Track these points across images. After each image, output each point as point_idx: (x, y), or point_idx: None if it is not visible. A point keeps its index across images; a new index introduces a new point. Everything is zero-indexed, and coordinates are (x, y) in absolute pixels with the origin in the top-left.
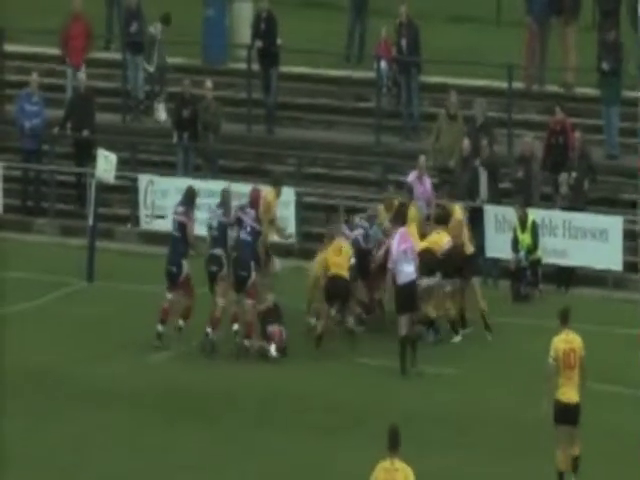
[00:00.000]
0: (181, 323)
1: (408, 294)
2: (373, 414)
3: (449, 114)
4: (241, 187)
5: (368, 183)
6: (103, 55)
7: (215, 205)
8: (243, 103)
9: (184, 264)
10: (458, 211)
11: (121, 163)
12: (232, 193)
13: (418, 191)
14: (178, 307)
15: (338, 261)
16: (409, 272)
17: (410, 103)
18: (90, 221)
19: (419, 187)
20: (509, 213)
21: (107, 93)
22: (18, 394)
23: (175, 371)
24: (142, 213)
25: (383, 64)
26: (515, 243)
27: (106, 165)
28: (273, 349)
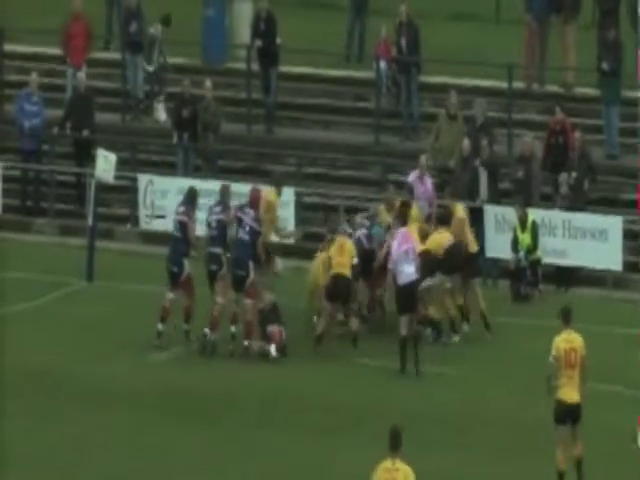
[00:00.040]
0: (186, 327)
1: (408, 295)
2: (373, 414)
3: (449, 114)
4: (241, 187)
5: (368, 183)
6: (103, 55)
7: (213, 203)
8: (243, 103)
9: (185, 264)
10: (460, 210)
11: (121, 163)
12: (231, 190)
13: (419, 190)
14: (179, 306)
15: (340, 260)
16: (410, 273)
17: (410, 103)
18: (90, 221)
19: (420, 186)
20: (509, 213)
21: (107, 93)
22: (18, 394)
23: (175, 371)
24: (142, 213)
25: (382, 64)
26: (515, 243)
27: (106, 165)
28: (273, 349)
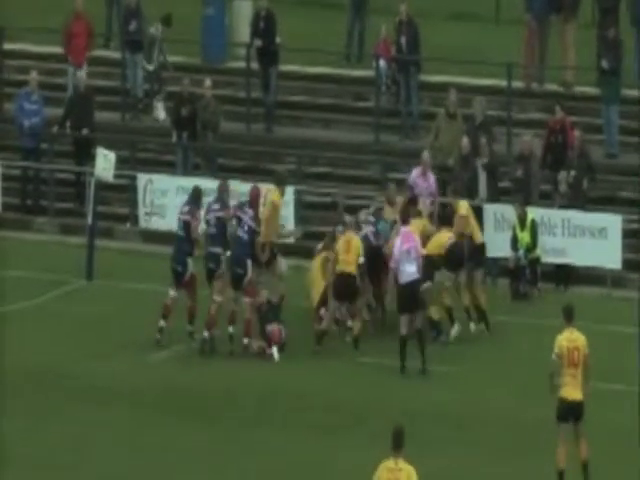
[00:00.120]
0: (190, 328)
1: (409, 294)
2: (373, 413)
3: (448, 113)
4: (240, 186)
5: (367, 182)
6: (102, 53)
7: (211, 200)
8: (242, 102)
9: (189, 263)
10: (462, 207)
11: (120, 162)
12: (229, 187)
13: (422, 186)
14: (180, 306)
15: (346, 257)
16: (411, 272)
17: (409, 102)
18: (89, 220)
19: (423, 182)
20: (508, 212)
21: (106, 92)
22: (18, 393)
23: (175, 370)
24: (141, 212)
25: (382, 63)
26: (514, 242)
27: (105, 164)
28: (275, 352)
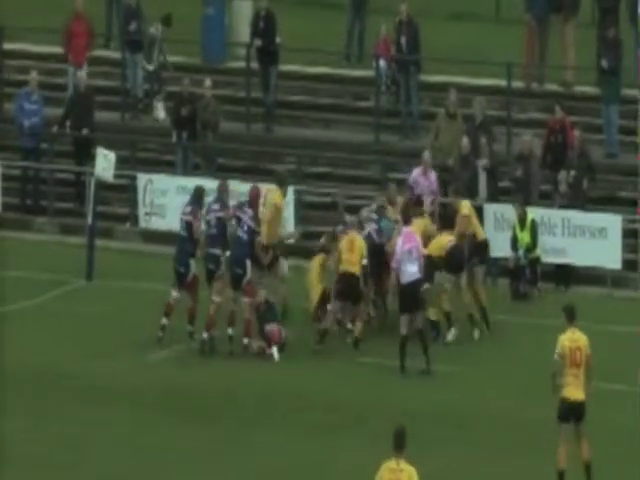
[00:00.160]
0: (190, 328)
1: (410, 294)
2: (373, 413)
3: (448, 112)
4: (240, 186)
5: (367, 182)
6: (102, 53)
7: (211, 201)
8: (242, 102)
9: (191, 264)
10: (464, 207)
11: (120, 162)
12: (229, 187)
13: (423, 185)
14: (182, 306)
15: (350, 257)
16: (412, 272)
17: (409, 102)
18: (89, 220)
19: (424, 181)
20: (508, 211)
21: (106, 91)
22: (18, 393)
23: (175, 370)
24: (141, 212)
25: (382, 63)
26: (514, 241)
27: (105, 163)
28: (275, 352)
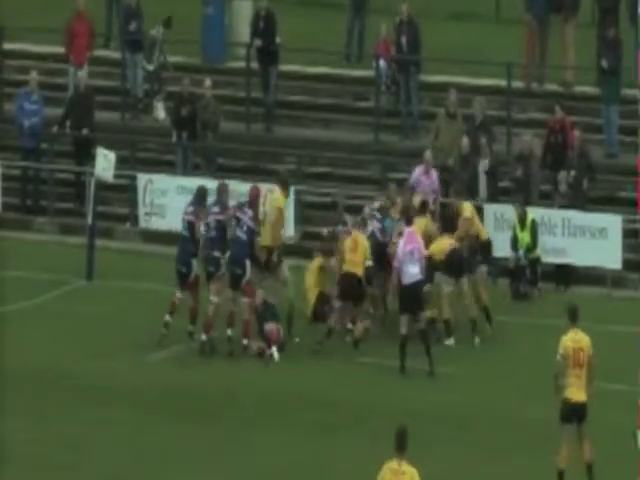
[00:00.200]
0: (190, 328)
1: (411, 294)
2: (373, 413)
3: (448, 112)
4: (240, 186)
5: (367, 182)
6: (102, 53)
7: (211, 203)
8: (242, 102)
9: (194, 264)
10: (466, 210)
11: (120, 162)
12: (228, 188)
13: (425, 184)
14: (184, 305)
15: (353, 258)
16: (414, 273)
17: (409, 102)
18: (89, 220)
19: (426, 180)
20: (508, 211)
21: (106, 91)
22: (18, 393)
23: (175, 369)
24: (141, 212)
25: (382, 63)
26: (514, 241)
27: (105, 163)
28: (275, 352)
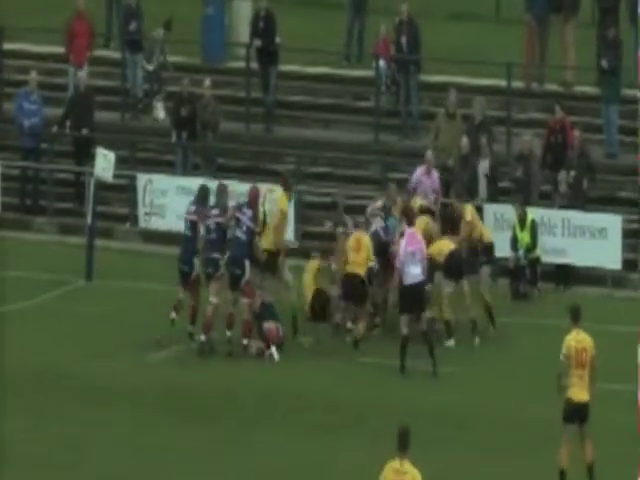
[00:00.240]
0: (190, 328)
1: (412, 295)
2: (373, 413)
3: (448, 113)
4: (240, 186)
5: (367, 182)
6: (102, 53)
7: (211, 205)
8: (242, 102)
9: (196, 263)
10: (468, 213)
11: (120, 162)
12: (228, 189)
13: (426, 184)
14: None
15: (356, 258)
16: (416, 274)
17: (409, 102)
18: (89, 220)
19: (427, 180)
20: (508, 211)
21: (106, 91)
22: (18, 393)
23: (175, 370)
24: (141, 212)
25: (382, 63)
26: (514, 242)
27: (105, 164)
28: (275, 352)
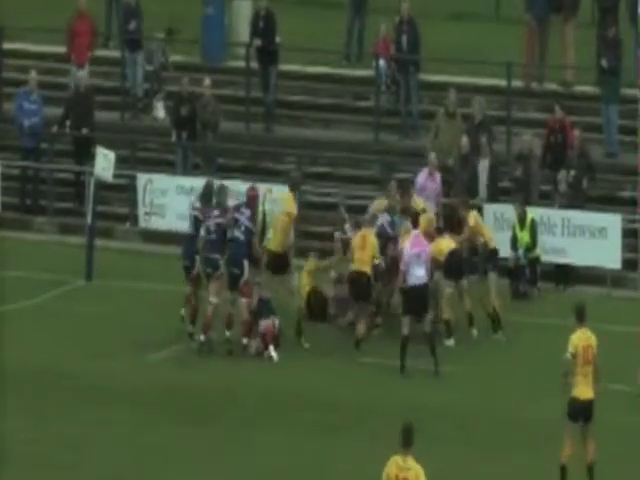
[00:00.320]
0: (190, 328)
1: (416, 296)
2: (373, 413)
3: (448, 112)
4: (239, 185)
5: (367, 181)
6: (102, 53)
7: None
8: (242, 101)
9: (197, 260)
10: (472, 219)
11: (120, 161)
12: (228, 189)
13: (431, 188)
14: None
15: (361, 256)
16: (419, 275)
17: (409, 101)
18: (89, 219)
19: (431, 184)
20: (508, 211)
21: (106, 91)
22: (18, 393)
23: (175, 369)
24: (141, 212)
25: (382, 62)
26: (514, 241)
27: (105, 163)
28: (273, 352)
